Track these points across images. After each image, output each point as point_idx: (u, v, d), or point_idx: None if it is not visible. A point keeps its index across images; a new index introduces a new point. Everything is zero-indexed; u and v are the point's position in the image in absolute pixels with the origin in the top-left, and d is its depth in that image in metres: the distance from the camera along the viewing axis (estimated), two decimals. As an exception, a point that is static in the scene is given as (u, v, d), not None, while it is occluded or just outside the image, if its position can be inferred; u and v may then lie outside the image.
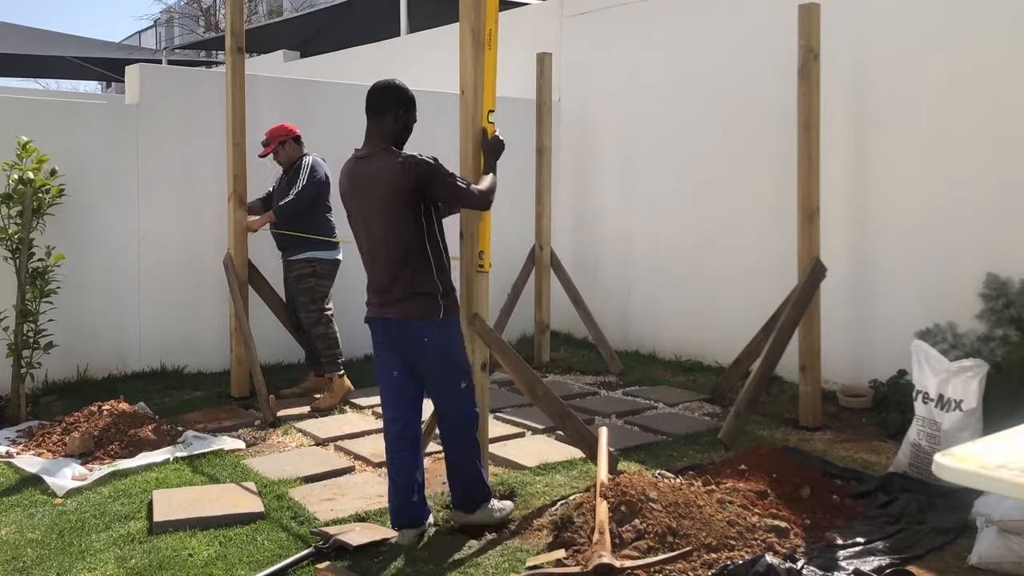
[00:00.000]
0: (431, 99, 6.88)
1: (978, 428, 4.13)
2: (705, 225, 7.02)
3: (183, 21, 28.17)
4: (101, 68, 16.14)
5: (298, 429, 5.31)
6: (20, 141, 5.49)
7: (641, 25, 7.53)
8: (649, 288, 7.53)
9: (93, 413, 5.06)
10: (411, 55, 10.21)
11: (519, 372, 4.09)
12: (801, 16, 5.29)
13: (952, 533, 3.71)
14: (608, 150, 7.84)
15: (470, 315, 3.85)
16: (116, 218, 6.25)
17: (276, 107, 6.78)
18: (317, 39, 14.19)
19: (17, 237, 5.42)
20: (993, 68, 5.31)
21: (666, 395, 6.17)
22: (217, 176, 6.30)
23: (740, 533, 3.50)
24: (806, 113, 5.32)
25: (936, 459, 2.20)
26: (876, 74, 5.86)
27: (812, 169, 5.35)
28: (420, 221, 3.56)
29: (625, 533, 3.42)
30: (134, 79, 6.42)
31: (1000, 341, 5.06)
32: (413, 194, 3.51)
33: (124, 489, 4.24)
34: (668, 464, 4.61)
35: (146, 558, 3.48)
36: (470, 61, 3.77)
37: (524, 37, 8.25)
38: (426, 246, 3.58)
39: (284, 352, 6.76)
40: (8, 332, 5.48)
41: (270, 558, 3.49)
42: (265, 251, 6.21)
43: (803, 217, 5.38)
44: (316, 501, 4.09)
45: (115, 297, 6.28)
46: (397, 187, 3.49)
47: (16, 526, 3.83)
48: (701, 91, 7.03)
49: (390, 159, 3.54)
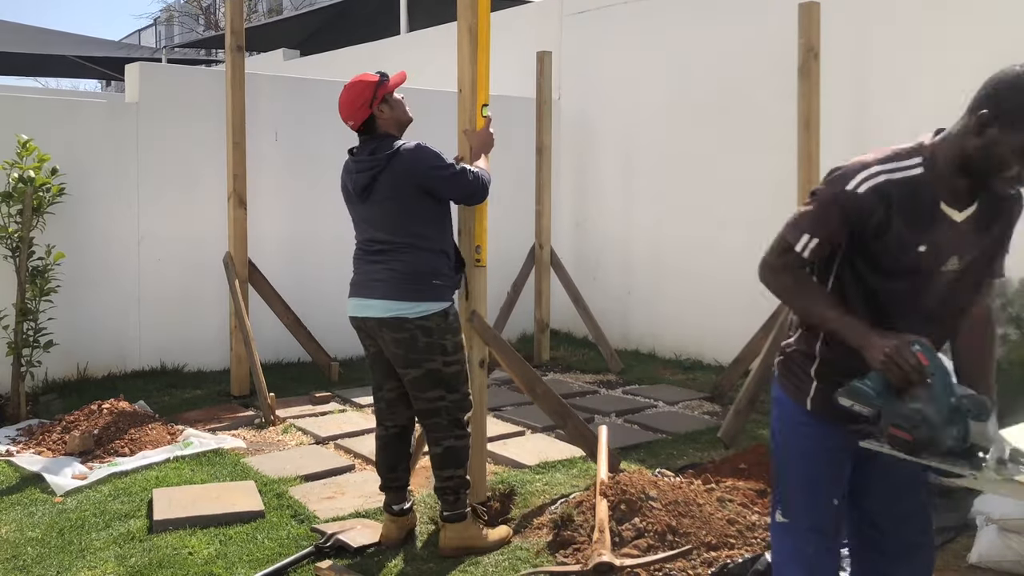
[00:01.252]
0: (427, 97, 6.89)
1: (978, 427, 4.14)
2: (705, 224, 7.02)
3: (183, 20, 28.15)
4: (101, 67, 16.14)
5: (298, 428, 5.31)
6: (20, 140, 5.49)
7: (641, 23, 7.53)
8: (649, 287, 7.53)
9: (93, 412, 5.06)
10: (410, 53, 10.20)
11: (519, 371, 4.09)
12: (801, 15, 5.30)
13: (952, 532, 3.71)
14: (608, 149, 7.84)
15: (469, 312, 3.85)
16: (116, 217, 6.25)
17: (276, 106, 6.79)
18: (317, 38, 14.19)
19: (17, 236, 5.43)
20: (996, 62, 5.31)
21: (666, 394, 6.17)
22: (217, 175, 6.30)
23: (740, 531, 3.50)
24: (806, 112, 5.33)
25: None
26: (875, 71, 5.87)
27: (812, 168, 5.35)
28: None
29: (625, 531, 3.42)
30: (134, 78, 6.42)
31: (999, 340, 5.06)
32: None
33: (124, 488, 4.24)
34: (668, 463, 4.61)
35: (146, 557, 3.48)
36: (468, 59, 3.77)
37: (524, 35, 8.24)
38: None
39: (284, 351, 6.76)
40: (8, 331, 5.48)
41: (270, 557, 3.49)
42: (265, 249, 6.21)
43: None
44: (316, 500, 4.09)
45: (115, 296, 6.28)
46: None
47: (16, 524, 3.83)
48: (701, 89, 7.03)
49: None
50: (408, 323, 3.39)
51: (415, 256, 3.43)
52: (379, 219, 3.49)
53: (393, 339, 3.43)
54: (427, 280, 3.43)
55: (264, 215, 6.58)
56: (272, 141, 6.77)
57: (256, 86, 6.46)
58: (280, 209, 6.81)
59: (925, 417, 1.90)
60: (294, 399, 5.91)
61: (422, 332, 3.40)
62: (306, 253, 6.88)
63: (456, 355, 3.51)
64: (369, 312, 3.47)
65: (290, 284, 6.52)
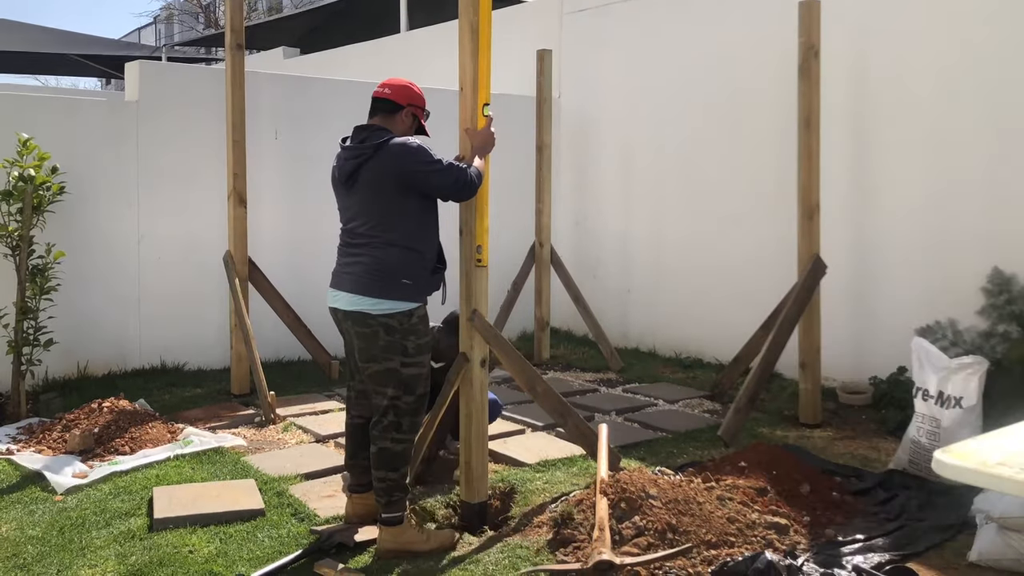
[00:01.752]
0: (428, 96, 6.88)
1: (978, 425, 4.14)
2: (705, 222, 7.02)
3: (183, 18, 28.12)
4: (101, 65, 16.12)
5: (298, 426, 5.31)
6: (21, 138, 5.48)
7: (641, 22, 7.53)
8: (649, 285, 7.53)
9: (93, 410, 5.06)
10: (411, 52, 10.20)
11: (519, 369, 4.09)
12: (802, 13, 5.29)
13: (952, 530, 3.71)
14: (608, 147, 7.84)
15: (469, 311, 3.85)
16: (116, 215, 6.25)
17: (276, 104, 6.78)
18: (317, 36, 14.20)
19: (17, 234, 5.42)
20: (994, 61, 5.31)
21: (666, 392, 6.17)
22: (217, 173, 6.30)
23: (740, 530, 3.50)
24: (806, 110, 5.32)
25: (936, 456, 2.21)
26: (875, 69, 5.86)
27: (812, 166, 5.35)
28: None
29: (625, 530, 3.43)
30: (134, 76, 6.41)
31: (1001, 338, 5.06)
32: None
33: (124, 486, 4.24)
34: (668, 461, 4.61)
35: (146, 555, 3.48)
36: (469, 58, 3.77)
37: (524, 34, 8.24)
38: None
39: (284, 349, 6.76)
40: (8, 329, 5.48)
41: (270, 555, 3.49)
42: (265, 248, 6.21)
43: (803, 214, 5.38)
44: (316, 498, 4.09)
45: (115, 294, 6.28)
46: None
47: (16, 523, 3.83)
48: (701, 87, 7.03)
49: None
50: (371, 319, 3.42)
51: (386, 252, 3.44)
52: (358, 208, 3.51)
53: (356, 332, 3.47)
54: (395, 278, 3.43)
55: (264, 213, 6.58)
56: (272, 139, 6.77)
57: (256, 84, 6.45)
58: (280, 207, 6.81)
59: None
60: (294, 397, 5.91)
61: (384, 330, 3.42)
62: (306, 251, 6.87)
63: (417, 358, 3.51)
64: (338, 303, 3.52)
65: (290, 282, 6.52)
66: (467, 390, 3.81)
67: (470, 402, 3.81)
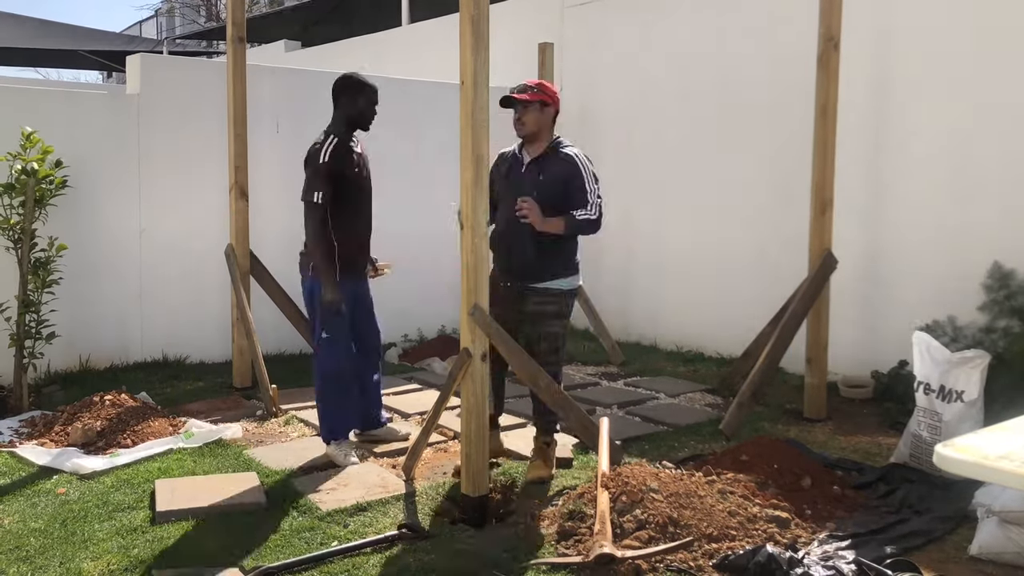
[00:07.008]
0: (429, 89, 6.88)
1: (979, 419, 4.14)
2: (706, 215, 7.01)
3: (184, 11, 28.06)
4: (102, 58, 16.10)
5: (300, 420, 5.32)
6: (24, 132, 5.48)
7: (643, 15, 7.51)
8: (651, 279, 7.53)
9: (95, 403, 5.07)
10: (412, 45, 10.17)
11: (521, 363, 4.09)
12: (823, 3, 5.18)
13: (952, 523, 3.71)
14: (609, 140, 7.82)
15: (471, 306, 3.85)
16: (117, 208, 6.26)
17: (277, 97, 6.78)
18: (318, 29, 14.17)
19: (19, 227, 5.42)
20: (1011, 65, 5.30)
21: (667, 386, 6.17)
22: (218, 166, 6.29)
23: (741, 523, 3.51)
24: (823, 102, 5.19)
25: (937, 450, 2.21)
26: (892, 66, 5.84)
27: (827, 160, 5.24)
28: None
29: (626, 523, 3.43)
30: (135, 69, 6.41)
31: (1002, 332, 5.05)
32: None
33: (127, 479, 4.25)
34: (669, 454, 4.62)
35: (149, 547, 3.49)
36: (470, 51, 3.76)
37: (525, 27, 8.22)
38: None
39: (286, 342, 6.76)
40: (10, 322, 5.48)
41: (272, 547, 3.50)
42: (267, 241, 6.21)
43: (816, 208, 5.28)
44: (318, 491, 4.10)
45: (117, 287, 6.28)
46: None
47: (19, 515, 3.84)
48: (704, 81, 7.01)
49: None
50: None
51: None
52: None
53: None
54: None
55: (266, 207, 6.57)
56: (274, 133, 6.77)
57: (257, 78, 6.44)
58: (282, 201, 6.77)
59: None
60: (296, 391, 5.90)
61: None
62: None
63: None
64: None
65: (292, 276, 6.48)
66: (468, 385, 3.80)
67: (471, 396, 3.80)
